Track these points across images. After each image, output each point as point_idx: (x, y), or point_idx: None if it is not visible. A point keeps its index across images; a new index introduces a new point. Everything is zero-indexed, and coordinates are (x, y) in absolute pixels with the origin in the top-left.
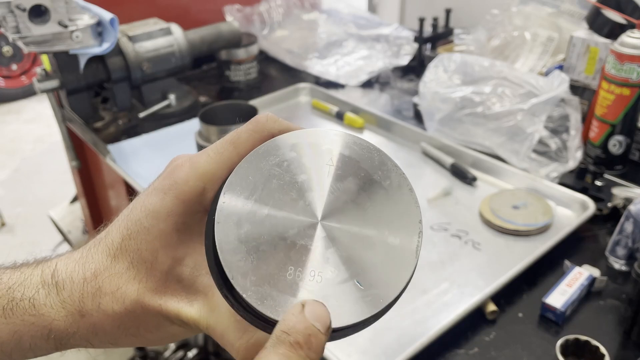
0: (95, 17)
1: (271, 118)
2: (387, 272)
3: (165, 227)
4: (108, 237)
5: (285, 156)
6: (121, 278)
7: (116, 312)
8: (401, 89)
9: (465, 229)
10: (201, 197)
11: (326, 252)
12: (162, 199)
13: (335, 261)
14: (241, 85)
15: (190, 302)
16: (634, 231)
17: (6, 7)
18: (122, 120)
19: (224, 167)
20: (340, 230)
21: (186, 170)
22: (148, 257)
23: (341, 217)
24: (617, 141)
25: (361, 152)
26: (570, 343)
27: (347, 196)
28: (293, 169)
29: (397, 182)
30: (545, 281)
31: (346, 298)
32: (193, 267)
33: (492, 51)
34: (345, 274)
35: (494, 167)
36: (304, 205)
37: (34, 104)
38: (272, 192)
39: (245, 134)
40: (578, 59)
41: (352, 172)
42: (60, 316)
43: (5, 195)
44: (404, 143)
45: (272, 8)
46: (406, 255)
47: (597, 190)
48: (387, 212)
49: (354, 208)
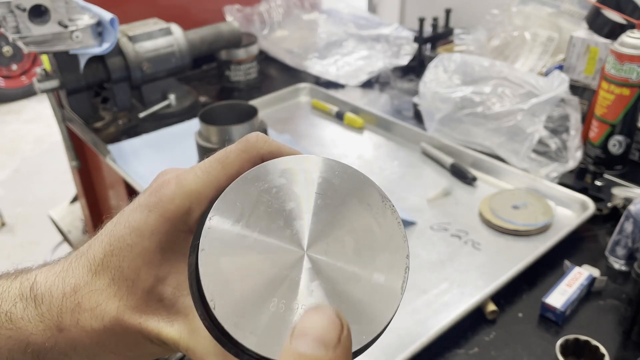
0: (95, 17)
1: (261, 138)
2: (370, 308)
3: (148, 245)
4: (90, 252)
5: (274, 182)
6: (101, 295)
7: (95, 329)
8: (401, 89)
9: (465, 229)
10: (187, 217)
11: (311, 285)
12: (146, 216)
13: (319, 294)
14: (241, 85)
15: (170, 322)
16: (634, 231)
17: (6, 7)
18: (122, 120)
19: (211, 186)
20: (326, 263)
21: (172, 188)
22: (130, 275)
23: (328, 249)
24: (617, 141)
25: (350, 180)
26: (570, 343)
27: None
28: (282, 196)
29: (385, 215)
30: (545, 281)
31: None
32: (175, 287)
33: (492, 51)
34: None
35: (494, 167)
36: (291, 235)
37: (34, 104)
38: (259, 219)
39: (234, 154)
40: (578, 59)
41: (340, 201)
42: (38, 330)
43: (5, 195)
44: (404, 143)
45: (272, 8)
46: (391, 293)
47: (597, 190)
48: (374, 246)
49: (341, 240)
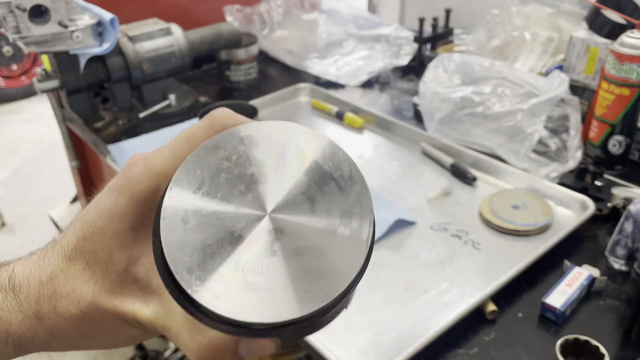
0: (95, 17)
1: (227, 113)
2: (336, 264)
3: (119, 226)
4: (64, 239)
5: (234, 149)
6: (76, 280)
7: (72, 314)
8: (401, 89)
9: (465, 229)
10: (156, 196)
11: (274, 245)
12: (115, 198)
13: (282, 254)
14: (241, 85)
15: (146, 303)
16: (634, 231)
17: (6, 7)
18: (122, 120)
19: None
20: (288, 223)
21: (140, 169)
22: (103, 258)
23: (291, 209)
24: (617, 141)
25: (310, 142)
26: (570, 343)
27: (296, 188)
28: (242, 162)
29: (349, 173)
30: (545, 281)
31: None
32: (148, 267)
33: (492, 51)
34: (293, 267)
35: (493, 167)
36: (253, 199)
37: (34, 104)
38: (220, 186)
39: (199, 131)
40: (578, 59)
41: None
42: (18, 320)
43: (5, 195)
44: (403, 143)
45: (272, 8)
46: (357, 246)
47: (597, 190)
48: (338, 204)
49: (304, 200)
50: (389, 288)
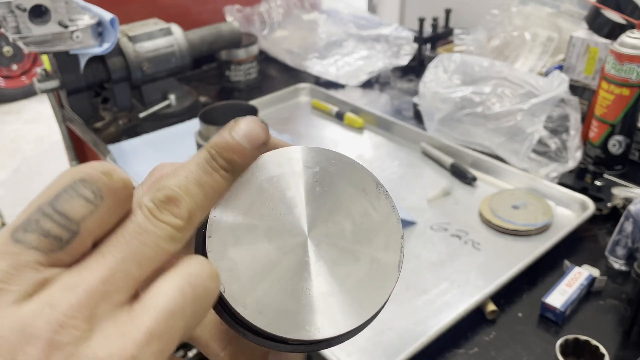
0: (95, 17)
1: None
2: (370, 286)
3: None
4: None
5: (273, 172)
6: None
7: None
8: (401, 89)
9: (465, 228)
10: None
11: (315, 266)
12: None
13: (324, 275)
14: (241, 85)
15: None
16: (634, 231)
17: (6, 7)
18: (122, 120)
19: None
20: (327, 245)
21: None
22: None
23: (328, 232)
24: (617, 141)
25: (345, 168)
26: (570, 343)
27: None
28: (281, 185)
29: (379, 199)
30: (545, 281)
31: (333, 310)
32: None
33: (492, 51)
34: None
35: (493, 167)
36: (293, 220)
37: (34, 104)
38: (262, 207)
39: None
40: (578, 59)
41: (337, 187)
42: None
43: (5, 195)
44: (404, 143)
45: (272, 8)
46: (389, 270)
47: (597, 190)
48: (371, 228)
49: (339, 223)
50: None
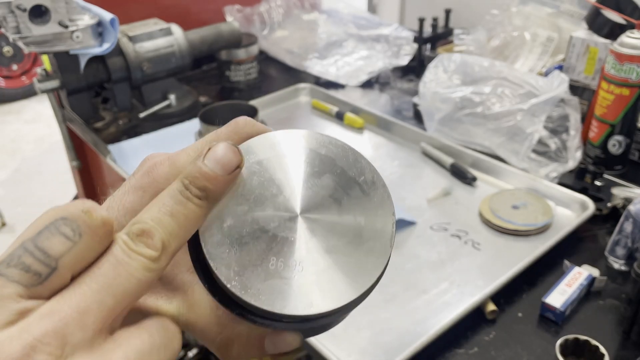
0: (95, 18)
1: (250, 121)
2: (364, 261)
3: None
4: None
5: (264, 154)
6: None
7: None
8: (401, 89)
9: (465, 228)
10: None
11: (307, 243)
12: (141, 197)
13: (316, 251)
14: (241, 85)
15: (169, 300)
16: (634, 231)
17: (6, 7)
18: (122, 120)
19: None
20: (319, 223)
21: (166, 169)
22: None
23: (320, 210)
24: (617, 141)
25: (336, 150)
26: (570, 343)
27: (324, 191)
28: (272, 167)
29: (372, 179)
30: (544, 281)
31: (326, 286)
32: (172, 265)
33: (492, 51)
34: (326, 264)
35: (493, 167)
36: (284, 200)
37: (34, 104)
38: (253, 188)
39: (224, 135)
40: (578, 59)
41: (328, 169)
42: None
43: (5, 195)
44: (403, 143)
45: (272, 8)
46: (382, 245)
47: (597, 190)
48: (363, 206)
49: (332, 202)
50: (389, 288)
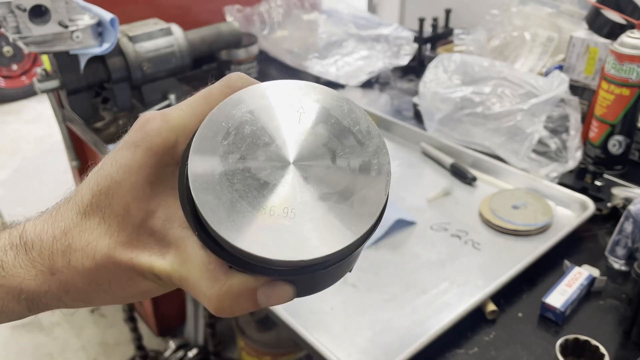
0: (95, 18)
1: (243, 76)
2: (359, 207)
3: (137, 179)
4: (77, 195)
5: (257, 104)
6: (92, 233)
7: (87, 267)
8: (401, 89)
9: (465, 229)
10: (173, 150)
11: (301, 191)
12: (133, 152)
13: (309, 198)
14: None
15: (162, 255)
16: (634, 231)
17: (6, 7)
18: (122, 120)
19: (196, 120)
20: (312, 170)
21: (158, 123)
22: (120, 211)
23: (313, 159)
24: (617, 141)
25: (331, 100)
26: (570, 343)
27: (317, 140)
28: (265, 116)
29: (366, 128)
30: (545, 281)
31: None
32: (165, 220)
33: (492, 51)
34: (319, 210)
35: (493, 167)
36: (276, 149)
37: (34, 104)
38: (245, 137)
39: (217, 90)
40: (578, 59)
41: (323, 118)
42: (31, 275)
43: (5, 195)
44: (404, 143)
45: (272, 8)
46: (377, 191)
47: (597, 190)
48: (358, 155)
49: (325, 151)
50: (389, 288)
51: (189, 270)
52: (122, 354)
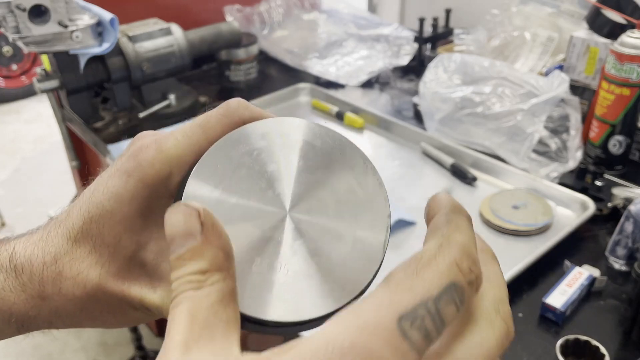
0: (95, 17)
1: (242, 104)
2: (353, 266)
3: (128, 210)
4: (69, 220)
5: (255, 145)
6: (83, 263)
7: (77, 296)
8: (401, 89)
9: None
10: (167, 181)
11: (294, 244)
12: (125, 182)
13: (303, 253)
14: (241, 85)
15: (153, 288)
16: (634, 231)
17: (6, 7)
18: (122, 120)
19: (191, 151)
20: (308, 223)
21: (152, 153)
22: (111, 241)
23: (310, 209)
24: (617, 141)
25: (332, 143)
26: (570, 343)
27: (316, 189)
28: (263, 159)
29: (367, 176)
30: (545, 281)
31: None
32: (157, 253)
33: (492, 51)
34: (313, 267)
35: (494, 167)
36: (273, 196)
37: (34, 104)
38: (240, 181)
39: (215, 119)
40: (578, 59)
41: (322, 163)
42: (21, 300)
43: (5, 195)
44: (404, 143)
45: (272, 8)
46: (374, 250)
47: (597, 190)
48: (356, 206)
49: (323, 202)
50: None
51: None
52: (122, 354)
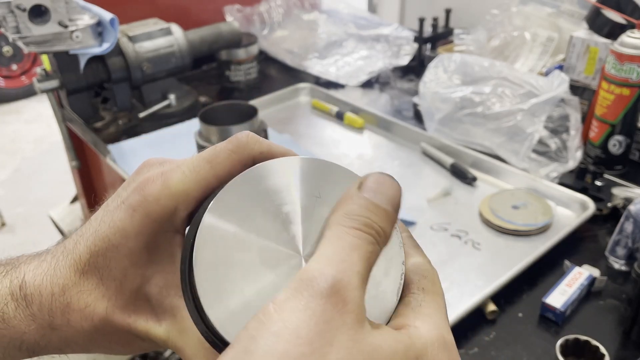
0: (95, 17)
1: (252, 138)
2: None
3: (134, 245)
4: (76, 251)
5: (272, 184)
6: (90, 295)
7: (85, 328)
8: (401, 89)
9: (465, 229)
10: (172, 217)
11: None
12: (131, 216)
13: None
14: (241, 85)
15: (158, 322)
16: (634, 231)
17: (6, 7)
18: (122, 120)
19: (198, 186)
20: None
21: (158, 188)
22: (117, 275)
23: None
24: (617, 141)
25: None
26: (570, 343)
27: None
28: (278, 199)
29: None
30: (545, 281)
31: None
32: (162, 287)
33: (492, 51)
34: None
35: (493, 167)
36: (288, 238)
37: (34, 104)
38: (256, 221)
39: (223, 154)
40: (578, 59)
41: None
42: (31, 329)
43: (5, 195)
44: (404, 143)
45: (272, 8)
46: (387, 297)
47: (597, 190)
48: None
49: None
50: None
51: (185, 342)
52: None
